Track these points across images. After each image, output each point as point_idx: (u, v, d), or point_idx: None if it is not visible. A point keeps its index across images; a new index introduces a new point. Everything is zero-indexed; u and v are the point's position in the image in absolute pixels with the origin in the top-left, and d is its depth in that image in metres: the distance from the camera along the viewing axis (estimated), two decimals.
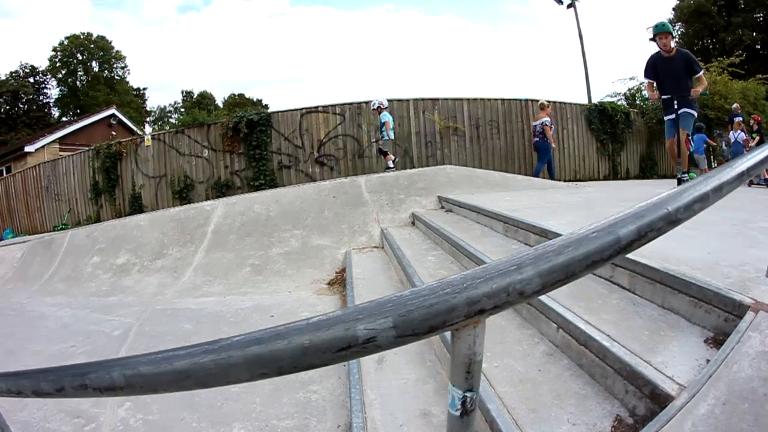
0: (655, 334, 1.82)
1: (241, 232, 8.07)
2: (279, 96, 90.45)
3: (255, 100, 58.89)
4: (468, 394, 0.84)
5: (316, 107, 12.84)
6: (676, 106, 6.05)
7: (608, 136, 13.65)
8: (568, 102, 13.78)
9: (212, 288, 6.63)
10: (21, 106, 44.95)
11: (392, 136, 11.09)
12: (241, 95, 60.79)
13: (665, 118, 6.32)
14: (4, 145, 36.16)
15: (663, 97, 6.18)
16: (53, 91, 48.85)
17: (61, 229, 13.97)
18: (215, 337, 2.35)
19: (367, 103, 12.35)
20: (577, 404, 1.61)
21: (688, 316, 1.85)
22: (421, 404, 2.24)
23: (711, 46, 29.39)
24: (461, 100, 12.87)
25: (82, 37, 49.75)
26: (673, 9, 31.45)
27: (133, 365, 0.97)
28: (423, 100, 12.70)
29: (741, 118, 12.10)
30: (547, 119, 10.97)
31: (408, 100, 12.59)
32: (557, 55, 77.09)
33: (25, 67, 47.27)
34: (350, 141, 12.56)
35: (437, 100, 12.79)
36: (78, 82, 49.50)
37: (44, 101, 47.98)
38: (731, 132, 12.16)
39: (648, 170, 14.20)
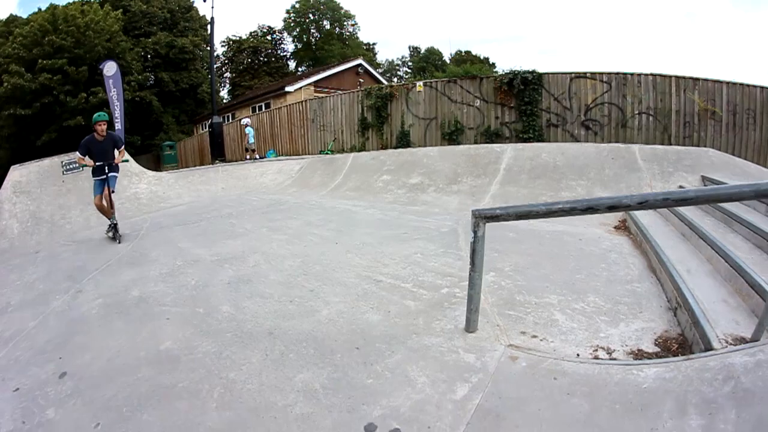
0: None
1: (531, 174, 9.36)
2: (503, 55, 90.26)
3: (482, 57, 60.16)
4: None
5: (585, 73, 13.80)
6: None
7: None
8: None
9: None
10: (261, 59, 54.22)
11: (252, 141, 18.84)
12: (468, 52, 62.57)
13: None
14: (250, 89, 44.87)
15: None
16: (289, 46, 57.71)
17: (327, 153, 17.48)
18: (539, 245, 6.02)
19: (632, 74, 13.19)
20: None
21: None
22: (722, 295, 3.78)
23: None
24: (721, 82, 12.50)
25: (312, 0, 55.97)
26: None
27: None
28: (684, 78, 12.71)
29: None
30: None
31: (671, 77, 12.78)
32: None
33: (263, 28, 56.84)
34: (614, 109, 13.34)
35: (698, 80, 12.63)
36: (312, 38, 56.93)
37: (281, 54, 57.10)
38: None
39: None
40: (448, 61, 60.66)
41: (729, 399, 2.29)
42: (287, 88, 28.26)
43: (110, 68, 18.14)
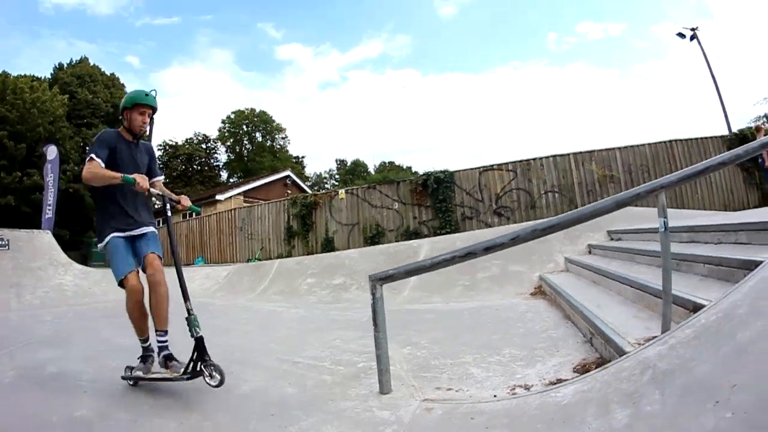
0: None
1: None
2: (426, 163, 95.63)
3: (405, 167, 63.13)
4: (665, 221, 2.78)
5: (492, 165, 14.85)
6: None
7: (754, 164, 12.98)
8: (709, 137, 13.96)
9: (432, 299, 8.24)
10: (195, 166, 54.39)
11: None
12: (391, 163, 65.48)
13: None
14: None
15: None
16: (222, 156, 58.31)
17: (254, 261, 17.15)
18: (456, 321, 6.16)
19: (534, 159, 14.28)
20: None
21: None
22: (632, 313, 3.89)
23: None
24: (614, 149, 14.09)
25: (246, 111, 58.57)
26: None
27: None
28: (581, 153, 14.08)
29: None
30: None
31: (568, 155, 14.09)
32: (692, 86, 73.47)
33: (199, 135, 57.07)
34: (523, 194, 14.31)
35: (593, 151, 14.12)
36: (244, 150, 57.91)
37: (214, 164, 57.55)
38: None
39: None
40: (373, 173, 62.99)
41: (650, 385, 2.24)
42: (218, 197, 28.80)
43: (52, 152, 17.83)
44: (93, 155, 3.72)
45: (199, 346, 3.54)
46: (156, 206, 3.97)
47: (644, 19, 78.53)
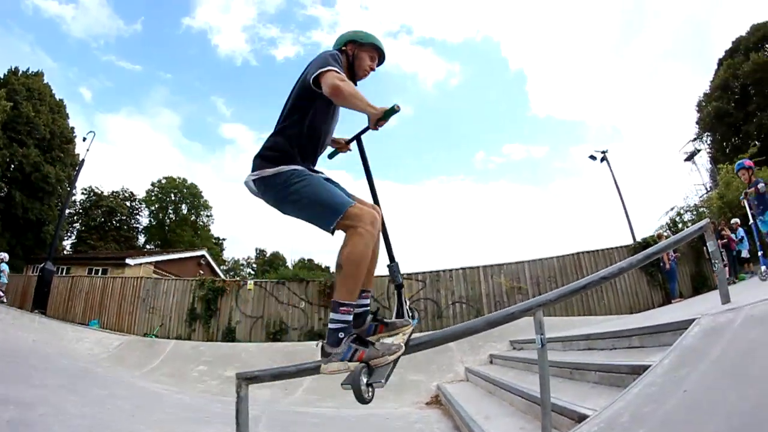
0: None
1: None
2: None
3: (323, 266, 62.29)
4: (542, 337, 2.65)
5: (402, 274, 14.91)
6: None
7: (655, 267, 13.73)
8: (615, 247, 15.02)
9: (324, 403, 7.89)
10: (114, 222, 50.84)
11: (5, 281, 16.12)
12: (310, 260, 64.44)
13: None
14: (93, 249, 41.16)
15: None
16: (144, 220, 55.13)
17: (152, 337, 15.81)
18: (339, 428, 6.02)
19: (444, 270, 14.58)
20: None
21: None
22: (520, 425, 3.70)
23: (740, 143, 28.63)
24: (523, 262, 14.71)
25: (177, 180, 56.24)
26: (696, 123, 32.70)
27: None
28: (491, 266, 14.62)
29: None
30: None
31: (478, 267, 14.56)
32: (603, 201, 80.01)
33: (126, 191, 53.63)
34: (430, 303, 14.41)
35: (503, 264, 14.67)
36: (167, 218, 55.26)
37: (135, 225, 54.13)
38: None
39: (701, 286, 13.79)
40: (290, 267, 61.78)
41: None
42: (128, 261, 26.73)
43: None
44: (339, 68, 2.58)
45: (401, 291, 3.01)
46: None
47: (565, 142, 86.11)
